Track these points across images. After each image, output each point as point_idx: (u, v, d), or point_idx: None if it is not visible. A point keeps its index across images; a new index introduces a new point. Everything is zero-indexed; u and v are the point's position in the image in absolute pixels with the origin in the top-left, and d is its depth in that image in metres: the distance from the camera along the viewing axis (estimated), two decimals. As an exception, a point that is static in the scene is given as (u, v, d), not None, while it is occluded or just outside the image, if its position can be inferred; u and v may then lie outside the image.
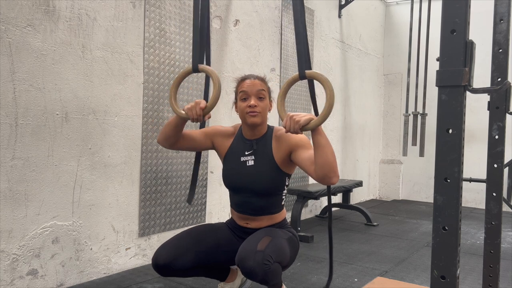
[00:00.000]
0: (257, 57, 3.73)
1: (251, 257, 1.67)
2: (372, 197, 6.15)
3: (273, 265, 1.70)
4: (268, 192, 1.94)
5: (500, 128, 1.69)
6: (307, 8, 4.41)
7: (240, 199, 2.00)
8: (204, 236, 2.00)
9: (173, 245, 1.90)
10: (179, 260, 1.87)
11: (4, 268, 2.11)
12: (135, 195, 2.72)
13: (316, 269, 2.81)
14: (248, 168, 1.94)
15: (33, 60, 2.17)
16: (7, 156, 2.09)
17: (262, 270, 1.65)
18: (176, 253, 1.87)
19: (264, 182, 1.92)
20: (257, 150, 1.95)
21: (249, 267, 1.66)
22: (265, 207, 1.97)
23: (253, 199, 1.95)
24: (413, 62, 4.54)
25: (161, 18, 2.82)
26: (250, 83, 1.90)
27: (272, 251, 1.72)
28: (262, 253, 1.68)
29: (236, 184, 1.99)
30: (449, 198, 0.96)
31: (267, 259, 1.68)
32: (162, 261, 1.85)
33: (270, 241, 1.77)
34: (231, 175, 2.00)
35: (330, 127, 4.95)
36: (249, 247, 1.72)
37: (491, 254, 1.74)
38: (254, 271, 1.65)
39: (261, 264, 1.65)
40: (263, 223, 1.99)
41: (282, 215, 2.05)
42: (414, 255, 3.25)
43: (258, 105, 1.88)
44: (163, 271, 1.88)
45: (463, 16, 0.95)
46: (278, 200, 1.99)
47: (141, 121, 2.73)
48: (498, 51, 1.69)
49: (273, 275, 1.71)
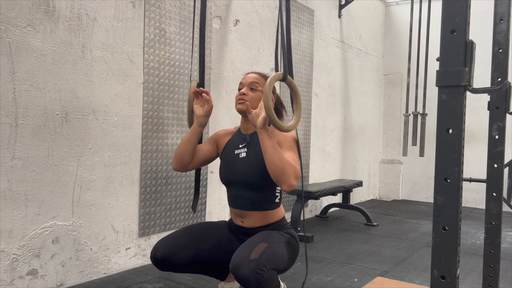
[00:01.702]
0: (257, 57, 3.73)
1: (244, 266, 1.67)
2: (372, 197, 6.15)
3: (267, 273, 1.68)
4: (259, 185, 1.94)
5: (500, 128, 1.69)
6: (307, 8, 4.41)
7: (233, 192, 2.03)
8: (204, 234, 2.03)
9: (172, 240, 1.94)
10: (177, 255, 1.90)
11: (4, 268, 2.11)
12: (135, 195, 2.72)
13: (316, 269, 2.81)
14: (240, 160, 1.98)
15: (33, 60, 2.17)
16: (7, 156, 2.09)
17: (255, 280, 1.65)
18: (174, 248, 1.90)
19: (254, 174, 1.92)
20: (250, 142, 1.99)
21: (242, 276, 1.66)
22: (257, 201, 1.97)
23: (245, 192, 1.97)
24: (413, 62, 4.54)
25: (161, 18, 2.82)
26: (247, 76, 2.02)
27: (266, 259, 1.71)
28: (256, 262, 1.67)
29: (229, 177, 2.02)
30: (449, 198, 0.96)
31: (261, 268, 1.67)
32: (160, 255, 1.88)
33: (265, 248, 1.76)
34: (224, 168, 2.05)
35: (330, 127, 4.96)
36: (243, 254, 1.72)
37: (491, 254, 1.74)
38: (248, 280, 1.65)
39: (255, 273, 1.65)
40: (257, 220, 1.99)
41: (279, 214, 2.04)
42: (414, 255, 3.25)
43: (248, 94, 1.96)
44: (161, 265, 1.92)
45: (463, 16, 0.95)
46: (271, 196, 1.99)
47: (141, 121, 2.73)
48: (498, 51, 1.69)
49: (267, 283, 1.71)
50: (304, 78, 4.39)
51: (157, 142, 2.84)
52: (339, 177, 5.21)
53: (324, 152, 4.88)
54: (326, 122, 4.87)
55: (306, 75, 4.42)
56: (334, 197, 4.99)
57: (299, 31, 4.27)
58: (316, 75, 4.63)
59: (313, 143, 4.63)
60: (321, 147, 4.79)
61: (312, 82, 4.55)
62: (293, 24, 4.19)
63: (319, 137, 4.74)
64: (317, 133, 4.70)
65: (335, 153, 5.10)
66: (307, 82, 4.44)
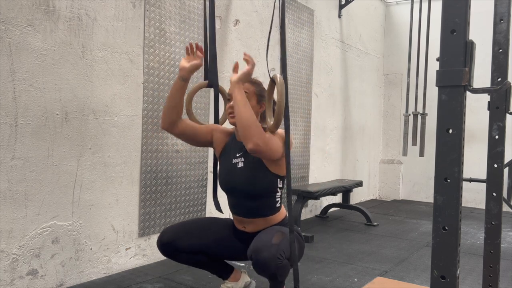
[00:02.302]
0: (257, 57, 3.73)
1: (266, 249, 1.69)
2: (372, 197, 6.15)
3: (284, 260, 1.73)
4: (259, 194, 1.94)
5: (500, 128, 1.69)
6: (307, 8, 4.41)
7: (233, 201, 2.03)
8: (210, 226, 2.07)
9: (179, 227, 2.02)
10: (182, 240, 1.96)
11: (4, 268, 2.11)
12: (135, 195, 2.72)
13: (316, 269, 2.81)
14: (239, 170, 1.97)
15: (33, 60, 2.17)
16: (7, 156, 2.09)
17: (274, 264, 1.68)
18: (180, 234, 1.97)
19: (254, 184, 1.92)
20: (246, 151, 1.95)
21: (263, 258, 1.68)
22: (258, 209, 1.97)
23: (245, 201, 1.97)
24: (413, 62, 4.54)
25: (161, 18, 2.82)
26: None
27: (285, 247, 1.75)
28: (277, 247, 1.70)
29: (229, 186, 2.02)
30: (449, 198, 0.96)
31: (280, 253, 1.70)
32: (165, 239, 1.95)
33: (283, 237, 1.79)
34: (224, 178, 2.04)
35: (330, 127, 4.95)
36: (264, 239, 1.75)
37: (491, 254, 1.74)
38: (268, 264, 1.67)
39: (275, 257, 1.68)
40: (259, 225, 2.00)
41: (281, 216, 2.04)
42: (414, 255, 3.25)
43: None
44: (166, 249, 1.96)
45: (463, 16, 0.95)
46: (271, 202, 1.98)
47: (141, 121, 2.73)
48: (498, 51, 1.69)
49: (283, 271, 1.74)
50: (304, 78, 4.39)
51: (157, 142, 2.84)
52: (339, 177, 5.21)
53: (324, 152, 4.88)
54: (326, 122, 4.87)
55: (306, 75, 4.42)
56: (334, 197, 4.98)
57: (299, 31, 4.27)
58: (316, 75, 4.63)
59: (313, 143, 4.63)
60: (321, 147, 4.79)
61: (312, 82, 4.55)
62: (293, 24, 4.19)
63: (319, 137, 4.74)
64: (317, 133, 4.70)
65: (335, 153, 5.10)
66: (307, 82, 4.44)
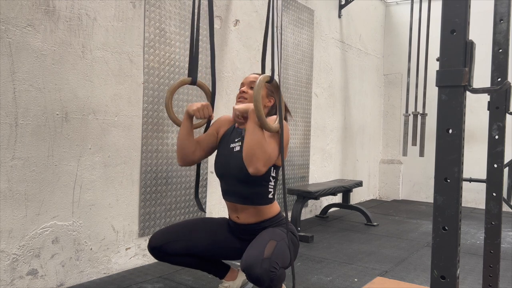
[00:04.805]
0: (257, 57, 3.73)
1: (258, 265, 1.70)
2: (372, 197, 6.15)
3: (278, 271, 1.74)
4: (250, 179, 1.93)
5: (500, 128, 1.69)
6: (307, 8, 4.41)
7: (226, 186, 2.06)
8: (200, 227, 2.10)
9: (168, 230, 2.05)
10: (171, 244, 1.99)
11: (4, 268, 2.11)
12: (135, 195, 2.72)
13: (316, 269, 2.81)
14: (235, 154, 2.01)
15: (33, 60, 2.17)
16: (7, 156, 2.09)
17: (268, 278, 1.70)
18: (169, 237, 2.01)
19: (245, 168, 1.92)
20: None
21: (256, 275, 1.70)
22: (249, 195, 1.99)
23: (237, 187, 1.99)
24: (413, 62, 4.54)
25: (161, 18, 2.82)
26: (248, 77, 2.08)
27: (277, 257, 1.76)
28: (269, 261, 1.72)
29: (222, 171, 2.05)
30: (449, 198, 0.96)
31: (274, 266, 1.72)
32: (154, 243, 2.00)
33: (275, 246, 1.80)
34: (219, 161, 2.08)
35: (330, 127, 4.95)
36: (255, 253, 1.75)
37: (491, 254, 1.74)
38: (262, 279, 1.70)
39: (268, 272, 1.69)
40: (251, 215, 2.01)
41: (274, 210, 2.05)
42: (414, 255, 3.25)
43: (248, 92, 2.01)
44: (156, 253, 2.01)
45: (463, 16, 0.95)
46: (263, 191, 2.00)
47: (141, 121, 2.73)
48: (498, 51, 1.69)
49: (278, 281, 1.77)
50: (304, 78, 4.39)
51: (157, 142, 2.84)
52: (339, 177, 5.21)
53: (324, 152, 4.88)
54: (326, 122, 4.87)
55: (306, 75, 4.42)
56: (334, 197, 4.98)
57: (299, 31, 4.27)
58: (316, 75, 4.63)
59: (313, 143, 4.63)
60: (321, 147, 4.79)
61: (312, 82, 4.55)
62: (293, 24, 4.19)
63: (319, 137, 4.74)
64: (317, 133, 4.70)
65: (335, 153, 5.10)
66: (307, 82, 4.44)
